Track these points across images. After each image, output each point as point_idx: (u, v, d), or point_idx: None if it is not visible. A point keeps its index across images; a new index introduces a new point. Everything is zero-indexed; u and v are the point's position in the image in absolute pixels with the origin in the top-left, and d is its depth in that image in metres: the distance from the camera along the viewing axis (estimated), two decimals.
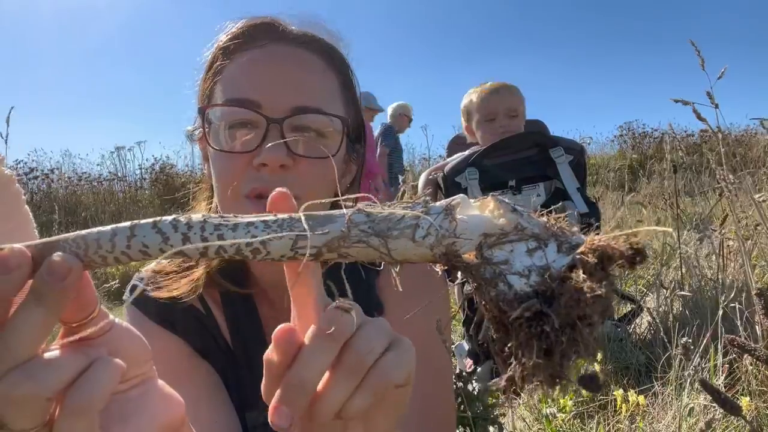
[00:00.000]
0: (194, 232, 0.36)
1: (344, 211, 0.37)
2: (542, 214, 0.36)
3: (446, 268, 0.36)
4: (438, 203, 0.36)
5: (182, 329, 0.87)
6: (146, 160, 9.00)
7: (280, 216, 0.37)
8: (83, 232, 0.37)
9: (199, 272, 0.85)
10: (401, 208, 0.35)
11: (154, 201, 7.92)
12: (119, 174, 8.69)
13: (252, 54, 0.80)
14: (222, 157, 0.79)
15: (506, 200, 0.36)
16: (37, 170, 8.03)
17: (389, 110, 6.24)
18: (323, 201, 0.40)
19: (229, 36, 0.82)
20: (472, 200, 0.37)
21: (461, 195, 0.37)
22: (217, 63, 0.82)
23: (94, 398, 0.37)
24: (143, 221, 0.38)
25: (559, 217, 0.36)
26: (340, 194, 0.42)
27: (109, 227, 0.37)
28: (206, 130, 0.80)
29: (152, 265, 0.90)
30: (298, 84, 0.79)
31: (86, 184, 8.25)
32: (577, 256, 0.33)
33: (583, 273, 0.32)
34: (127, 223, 0.37)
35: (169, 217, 0.37)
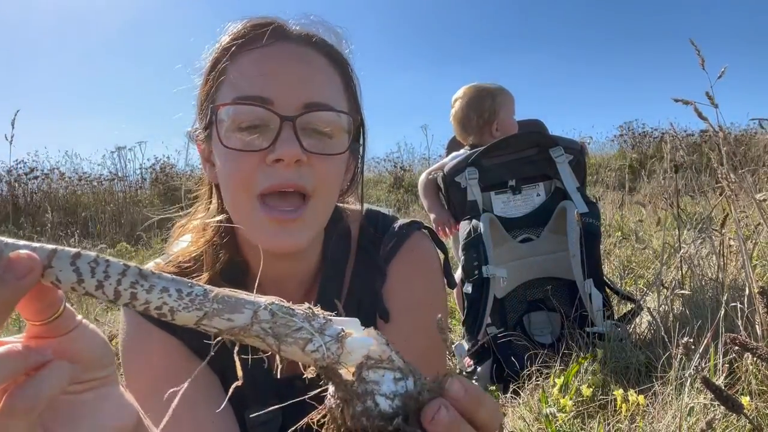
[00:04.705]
0: (109, 283, 0.37)
1: (255, 301, 0.39)
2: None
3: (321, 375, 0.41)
4: (335, 326, 0.40)
5: (181, 330, 0.86)
6: (147, 160, 8.99)
7: (196, 289, 0.39)
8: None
9: (204, 278, 0.85)
10: (302, 319, 0.39)
11: (154, 201, 7.90)
12: (119, 174, 8.67)
13: (259, 52, 0.80)
14: (234, 155, 0.78)
15: (382, 336, 0.42)
16: (37, 170, 8.01)
17: None
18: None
19: (232, 36, 0.82)
20: (362, 327, 0.42)
21: (355, 320, 0.42)
22: (221, 64, 0.81)
23: (35, 401, 0.37)
24: (65, 249, 0.38)
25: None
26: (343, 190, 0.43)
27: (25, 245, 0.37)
28: (216, 129, 0.79)
29: (151, 265, 0.90)
30: (308, 81, 0.80)
31: (86, 184, 8.22)
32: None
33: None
34: (49, 247, 0.38)
35: (93, 254, 0.38)
